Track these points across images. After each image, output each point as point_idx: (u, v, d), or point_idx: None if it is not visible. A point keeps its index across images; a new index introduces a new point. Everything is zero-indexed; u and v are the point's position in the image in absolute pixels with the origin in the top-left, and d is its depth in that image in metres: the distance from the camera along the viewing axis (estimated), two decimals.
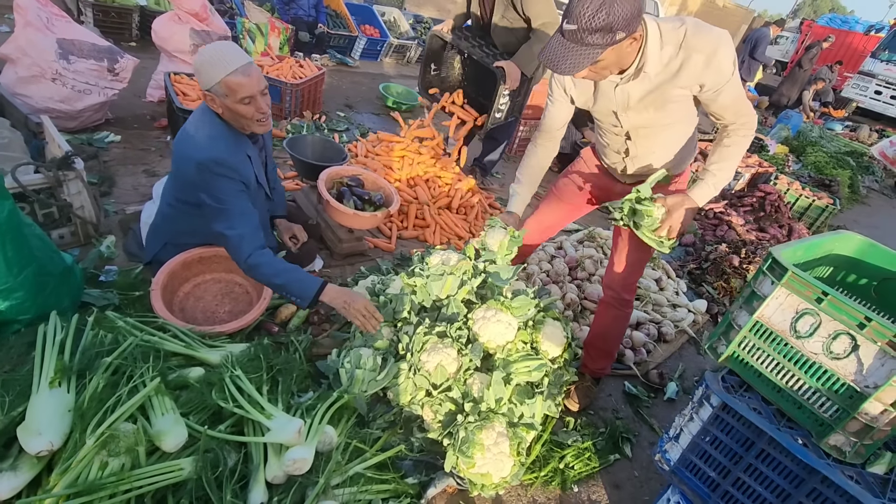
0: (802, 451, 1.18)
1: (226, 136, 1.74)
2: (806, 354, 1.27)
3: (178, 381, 1.46)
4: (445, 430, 1.69)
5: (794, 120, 8.90)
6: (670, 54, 1.43)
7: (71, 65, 2.82)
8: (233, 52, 1.64)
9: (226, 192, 1.72)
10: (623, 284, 1.98)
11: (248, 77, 1.63)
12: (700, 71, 1.42)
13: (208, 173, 1.67)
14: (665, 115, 1.58)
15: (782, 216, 4.47)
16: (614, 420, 2.16)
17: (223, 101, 1.66)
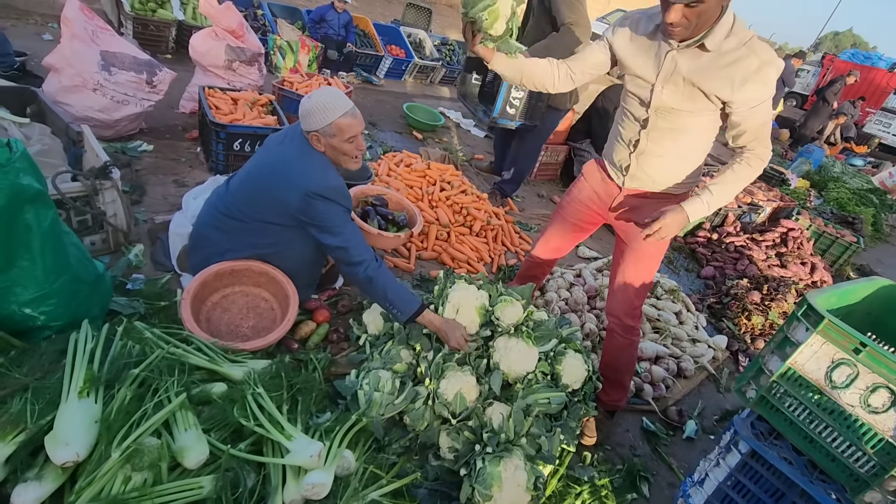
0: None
1: (333, 168, 1.90)
2: (842, 406, 1.24)
3: (201, 396, 1.47)
4: (462, 459, 1.67)
5: (815, 154, 8.83)
6: (732, 45, 1.46)
7: (112, 76, 2.92)
8: (342, 98, 1.82)
9: (342, 217, 1.87)
10: (625, 310, 1.95)
11: (355, 119, 1.84)
12: (749, 74, 1.45)
13: (321, 200, 1.81)
14: (692, 106, 1.59)
15: (805, 253, 4.40)
16: (632, 457, 2.12)
17: (329, 141, 1.83)
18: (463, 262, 2.98)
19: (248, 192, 1.91)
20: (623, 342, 2.00)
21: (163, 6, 4.90)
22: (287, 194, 1.82)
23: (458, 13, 11.13)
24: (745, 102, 1.50)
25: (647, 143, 1.73)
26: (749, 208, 4.98)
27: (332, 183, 1.84)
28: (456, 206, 3.25)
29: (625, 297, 1.92)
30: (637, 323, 1.98)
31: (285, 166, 1.86)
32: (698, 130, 1.67)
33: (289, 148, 1.89)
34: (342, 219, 1.88)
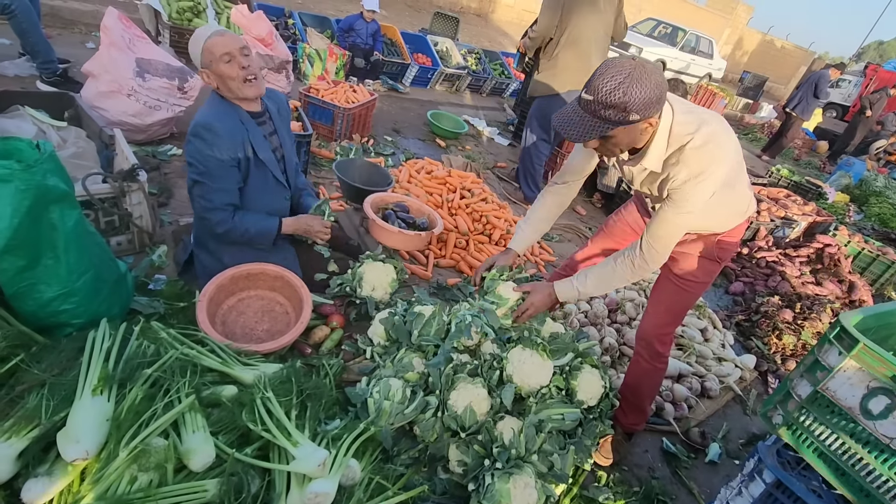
0: None
1: (220, 107, 1.86)
2: (878, 437, 1.15)
3: (211, 398, 1.48)
4: (471, 474, 1.63)
5: (856, 167, 8.46)
6: (670, 152, 1.43)
7: (146, 82, 3.02)
8: (207, 26, 1.83)
9: (207, 159, 1.81)
10: (657, 334, 1.87)
11: (223, 37, 1.78)
12: (677, 185, 1.43)
13: (194, 138, 1.80)
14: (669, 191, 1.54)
15: (842, 270, 4.19)
16: (650, 479, 2.03)
17: (212, 71, 1.78)
18: None
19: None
20: (648, 368, 1.91)
21: (198, 16, 5.08)
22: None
23: (485, 22, 11.09)
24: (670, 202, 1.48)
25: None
26: (783, 222, 4.78)
27: (204, 120, 1.80)
28: (475, 214, 3.22)
29: (659, 322, 1.85)
30: (666, 350, 1.89)
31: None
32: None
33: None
34: (202, 156, 1.81)
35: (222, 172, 1.85)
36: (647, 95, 1.24)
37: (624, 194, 4.36)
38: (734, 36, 22.67)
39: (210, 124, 1.79)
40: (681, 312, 1.86)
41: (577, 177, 1.84)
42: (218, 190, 1.87)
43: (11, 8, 3.14)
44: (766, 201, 5.15)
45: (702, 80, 13.56)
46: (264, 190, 2.03)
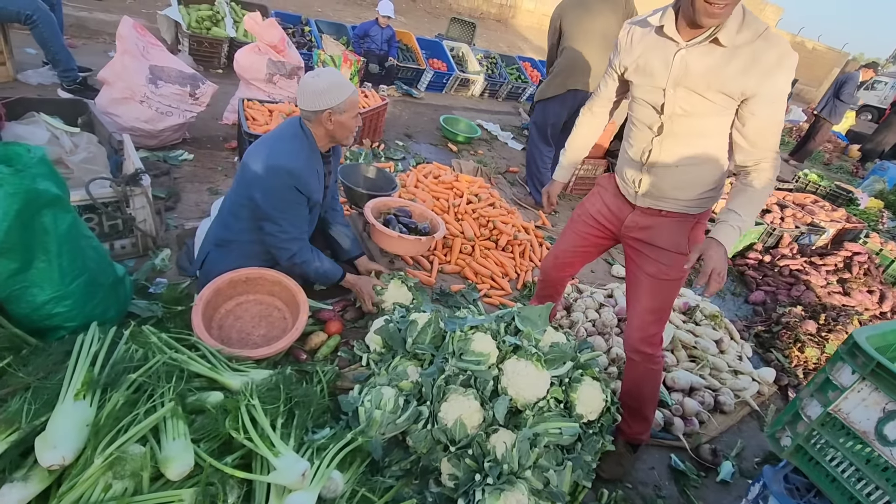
0: None
1: (305, 151, 1.96)
2: (894, 465, 1.05)
3: (196, 404, 1.46)
4: (461, 489, 1.57)
5: (891, 172, 8.06)
6: (746, 38, 1.37)
7: (158, 89, 3.08)
8: (344, 77, 1.95)
9: (287, 202, 1.93)
10: (641, 338, 1.79)
11: (357, 96, 1.98)
12: (770, 67, 1.36)
13: (276, 179, 1.86)
14: (708, 108, 1.48)
15: (873, 280, 3.97)
16: (655, 498, 1.93)
17: (339, 118, 1.91)
18: (486, 277, 2.89)
19: (238, 176, 2.01)
20: (644, 370, 1.84)
21: (217, 24, 5.18)
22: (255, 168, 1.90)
23: (505, 27, 11.09)
24: (765, 96, 1.40)
25: (661, 153, 1.61)
26: (808, 229, 4.58)
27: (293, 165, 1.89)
28: (482, 220, 3.17)
29: (641, 325, 1.78)
30: (657, 350, 1.82)
31: (260, 143, 1.98)
32: (717, 134, 1.55)
33: (277, 129, 2.01)
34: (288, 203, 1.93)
35: (298, 210, 1.99)
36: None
37: None
38: None
39: (298, 170, 1.91)
40: (663, 310, 1.78)
41: (604, 106, 1.87)
42: (293, 225, 1.99)
43: (34, 18, 3.25)
44: (791, 207, 4.94)
45: None
46: (313, 219, 2.15)
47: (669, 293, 1.75)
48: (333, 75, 1.92)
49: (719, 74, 1.41)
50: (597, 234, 1.91)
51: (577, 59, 3.52)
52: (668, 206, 1.68)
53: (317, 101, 1.87)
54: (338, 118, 1.91)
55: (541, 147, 3.86)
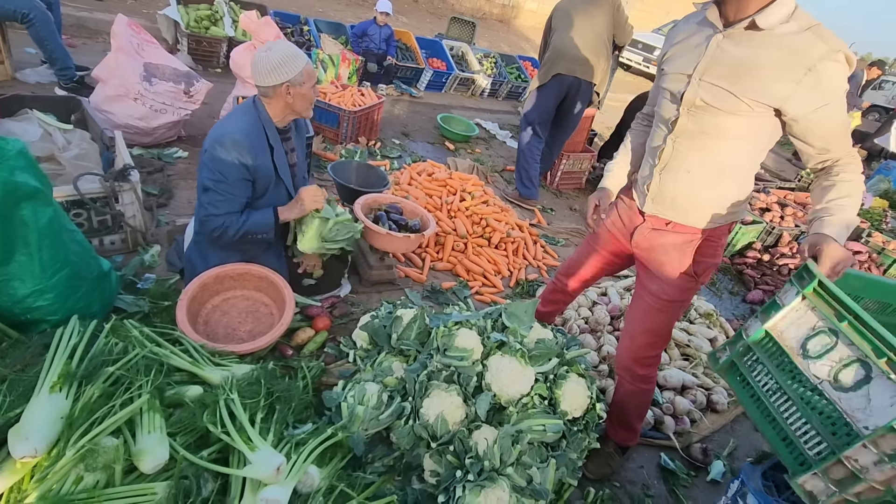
0: None
1: (253, 124, 1.88)
2: (808, 377, 1.05)
3: (175, 398, 1.46)
4: (442, 486, 1.56)
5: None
6: (791, 30, 1.22)
7: (152, 86, 3.09)
8: (290, 46, 1.88)
9: (227, 170, 1.83)
10: (636, 358, 1.72)
11: (312, 67, 1.93)
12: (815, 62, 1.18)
13: (220, 147, 1.81)
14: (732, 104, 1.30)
15: None
16: (643, 497, 1.91)
17: (298, 90, 1.86)
18: (478, 274, 2.88)
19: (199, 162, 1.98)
20: (632, 389, 1.79)
21: (215, 24, 5.20)
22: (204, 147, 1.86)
23: (507, 27, 11.06)
24: (811, 100, 1.22)
25: (673, 153, 1.46)
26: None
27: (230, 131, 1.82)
28: (475, 217, 3.16)
29: (635, 345, 1.71)
30: (650, 371, 1.76)
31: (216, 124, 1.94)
32: (737, 138, 1.37)
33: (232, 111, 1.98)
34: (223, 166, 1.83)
35: (237, 184, 1.88)
36: None
37: None
38: None
39: (240, 140, 1.82)
40: (660, 334, 1.69)
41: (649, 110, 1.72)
42: (227, 200, 1.89)
43: (30, 17, 3.27)
44: (792, 206, 4.89)
45: None
46: (276, 199, 2.06)
47: (669, 316, 1.65)
48: (286, 47, 1.85)
49: (752, 66, 1.26)
50: (611, 250, 1.79)
51: (559, 45, 3.58)
52: (675, 217, 1.53)
53: (273, 76, 1.81)
54: (296, 90, 1.85)
55: (531, 139, 3.85)
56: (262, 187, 1.97)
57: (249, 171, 1.88)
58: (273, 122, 1.94)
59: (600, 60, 3.64)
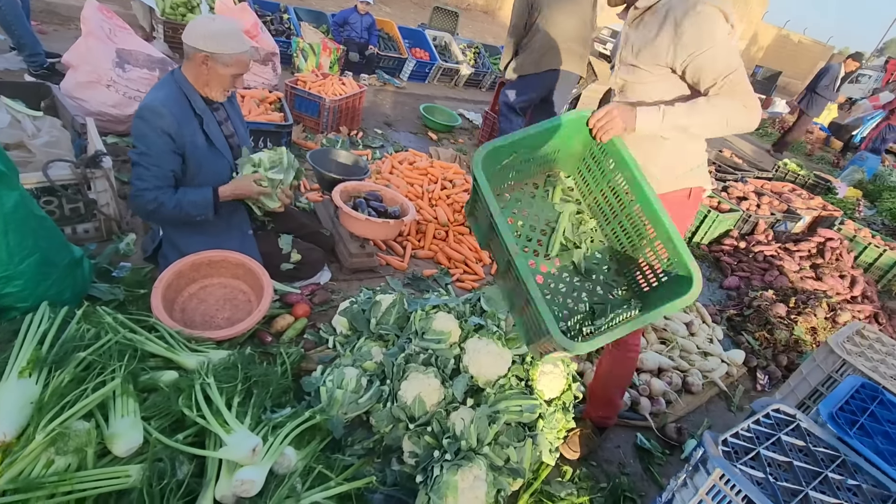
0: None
1: (173, 92, 1.84)
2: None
3: (149, 383, 1.45)
4: (420, 466, 1.58)
5: (869, 162, 8.18)
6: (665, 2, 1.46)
7: (125, 73, 3.02)
8: (245, 36, 1.85)
9: (149, 142, 1.79)
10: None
11: (250, 59, 1.91)
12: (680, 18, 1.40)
13: (140, 120, 1.78)
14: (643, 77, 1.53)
15: (845, 265, 4.04)
16: (619, 475, 1.96)
17: (216, 67, 1.80)
18: (460, 261, 2.89)
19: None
20: (617, 356, 1.83)
21: (192, 11, 5.08)
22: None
23: (492, 18, 10.98)
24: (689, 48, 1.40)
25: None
26: (785, 216, 4.64)
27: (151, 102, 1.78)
28: (456, 205, 3.16)
29: None
30: (634, 339, 1.81)
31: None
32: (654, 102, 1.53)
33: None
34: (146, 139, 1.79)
35: (162, 156, 1.84)
36: None
37: None
38: (749, 31, 22.16)
39: (158, 109, 1.78)
40: None
41: None
42: (155, 174, 1.84)
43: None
44: (769, 195, 5.00)
45: None
46: (221, 176, 2.02)
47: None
48: (230, 27, 1.80)
49: (645, 40, 1.49)
50: None
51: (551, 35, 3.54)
52: None
53: (198, 40, 1.76)
54: (214, 66, 1.78)
55: (511, 117, 3.87)
56: (196, 160, 1.91)
57: (175, 143, 1.83)
58: (196, 91, 1.87)
59: (587, 51, 3.68)
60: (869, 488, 1.20)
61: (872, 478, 1.23)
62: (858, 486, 1.20)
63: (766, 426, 1.33)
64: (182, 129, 1.83)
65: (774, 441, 1.28)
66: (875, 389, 1.60)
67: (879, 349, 1.91)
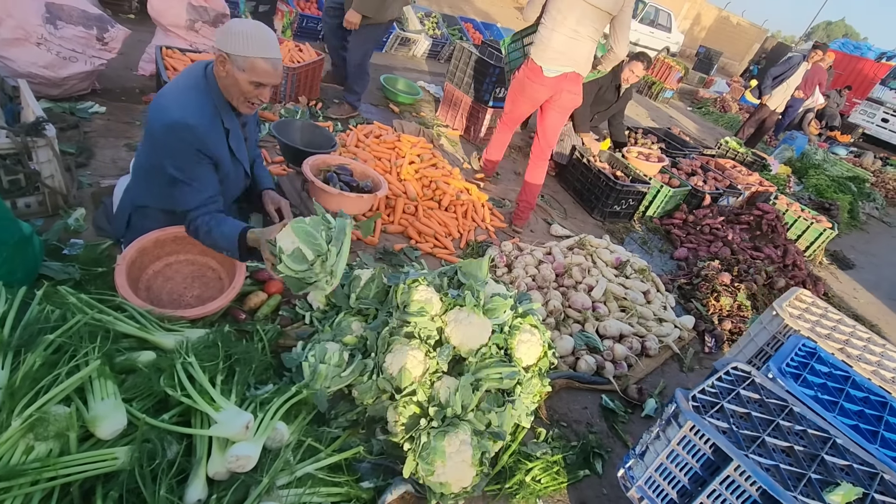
0: (768, 481, 1.12)
1: (201, 100, 1.70)
2: None
3: (126, 364, 1.39)
4: (408, 433, 1.62)
5: (798, 141, 8.83)
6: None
7: (58, 30, 2.73)
8: (274, 42, 1.69)
9: (187, 161, 1.69)
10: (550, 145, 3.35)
11: (275, 69, 1.69)
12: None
13: (174, 137, 1.64)
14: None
15: (779, 236, 4.41)
16: (587, 434, 2.10)
17: (232, 71, 1.65)
18: (430, 236, 2.91)
19: (145, 135, 1.80)
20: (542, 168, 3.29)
21: None
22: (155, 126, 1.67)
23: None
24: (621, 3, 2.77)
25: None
26: (727, 191, 4.96)
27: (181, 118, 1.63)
28: (425, 180, 3.16)
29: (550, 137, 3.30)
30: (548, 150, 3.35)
31: (161, 95, 1.71)
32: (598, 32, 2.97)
33: (180, 77, 1.75)
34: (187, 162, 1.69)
35: (203, 173, 1.73)
36: None
37: (574, 164, 4.39)
38: (693, 11, 22.97)
39: (191, 126, 1.63)
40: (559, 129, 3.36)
41: None
42: (199, 190, 1.74)
43: None
44: (713, 171, 5.31)
45: (660, 54, 13.72)
46: (239, 186, 1.97)
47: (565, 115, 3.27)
48: (257, 29, 1.66)
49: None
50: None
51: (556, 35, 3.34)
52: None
53: (220, 38, 1.64)
54: (231, 70, 1.64)
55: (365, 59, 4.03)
56: (222, 172, 1.83)
57: (209, 158, 1.74)
58: (225, 101, 1.74)
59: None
60: (812, 432, 1.36)
61: (814, 423, 1.40)
62: (804, 431, 1.36)
63: (727, 382, 1.47)
64: (216, 148, 1.73)
65: (735, 395, 1.42)
66: (813, 347, 1.80)
67: (815, 311, 2.14)
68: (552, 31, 2.94)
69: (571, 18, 2.87)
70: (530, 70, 3.07)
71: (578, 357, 2.39)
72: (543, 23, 3.01)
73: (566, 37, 2.92)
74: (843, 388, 1.62)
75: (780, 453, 1.26)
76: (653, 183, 4.29)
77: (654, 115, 9.38)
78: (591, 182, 4.17)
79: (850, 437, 1.38)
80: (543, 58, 3.01)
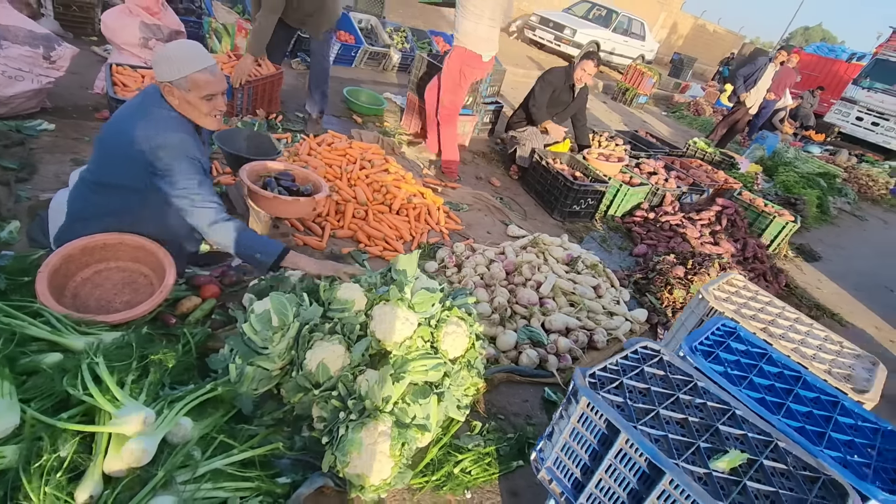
0: (652, 450, 1.13)
1: (175, 120, 1.79)
2: None
3: (31, 366, 1.39)
4: (327, 429, 1.62)
5: (769, 140, 9.00)
6: None
7: (3, 50, 2.77)
8: (201, 51, 1.76)
9: (192, 171, 1.77)
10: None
11: (214, 76, 1.77)
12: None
13: (173, 153, 1.72)
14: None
15: (738, 230, 4.47)
16: (525, 426, 2.10)
17: (184, 95, 1.74)
18: (379, 239, 2.93)
19: (99, 152, 1.85)
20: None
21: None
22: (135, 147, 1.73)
23: (417, 2, 11.03)
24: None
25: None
26: (690, 189, 5.03)
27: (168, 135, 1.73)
28: (376, 185, 3.19)
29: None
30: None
31: (126, 115, 1.78)
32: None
33: (141, 98, 1.81)
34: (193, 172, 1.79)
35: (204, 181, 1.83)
36: None
37: (535, 167, 4.45)
38: (669, 20, 23.49)
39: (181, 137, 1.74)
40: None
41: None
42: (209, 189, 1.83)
43: None
44: (677, 170, 5.40)
45: (634, 61, 13.99)
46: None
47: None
48: (182, 47, 1.73)
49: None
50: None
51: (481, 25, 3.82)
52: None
53: (157, 70, 1.71)
54: (179, 94, 1.73)
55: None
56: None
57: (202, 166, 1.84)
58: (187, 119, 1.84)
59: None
60: (712, 405, 1.38)
61: (717, 397, 1.42)
62: (704, 404, 1.38)
63: (632, 360, 1.49)
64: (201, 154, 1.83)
65: (638, 372, 1.44)
66: (733, 327, 1.83)
67: (744, 294, 2.17)
68: (476, 23, 3.59)
69: (487, 10, 3.56)
70: (469, 58, 3.62)
71: (521, 351, 2.40)
72: (464, 16, 3.58)
73: (488, 26, 3.62)
74: (757, 364, 1.65)
75: (673, 424, 1.27)
76: (612, 182, 4.35)
77: (626, 120, 9.54)
78: (550, 183, 4.23)
79: (752, 409, 1.40)
80: (479, 46, 3.66)
